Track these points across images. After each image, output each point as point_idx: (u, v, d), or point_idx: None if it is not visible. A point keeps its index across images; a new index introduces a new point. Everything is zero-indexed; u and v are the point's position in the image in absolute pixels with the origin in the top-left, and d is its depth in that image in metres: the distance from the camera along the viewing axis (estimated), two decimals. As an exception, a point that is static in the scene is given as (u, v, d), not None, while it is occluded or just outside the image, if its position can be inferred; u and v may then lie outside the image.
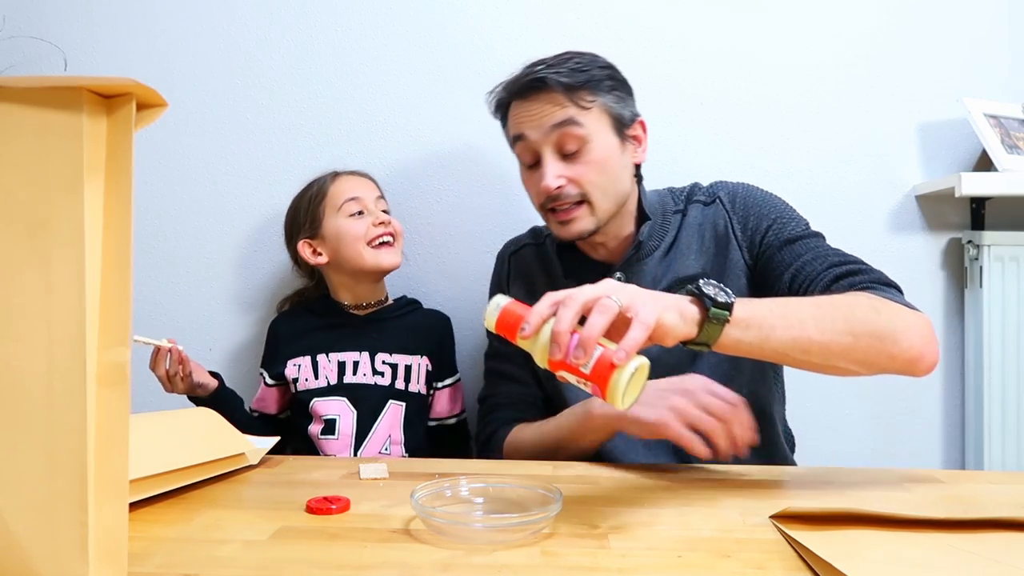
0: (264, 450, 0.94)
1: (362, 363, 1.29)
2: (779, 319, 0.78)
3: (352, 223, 1.28)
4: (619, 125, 1.06)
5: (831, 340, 0.79)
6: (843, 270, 0.96)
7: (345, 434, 1.25)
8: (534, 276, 1.20)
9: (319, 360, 1.29)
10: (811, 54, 1.44)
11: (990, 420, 1.36)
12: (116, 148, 0.50)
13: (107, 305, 0.50)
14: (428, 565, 0.61)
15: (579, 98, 1.03)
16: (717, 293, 0.75)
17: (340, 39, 1.48)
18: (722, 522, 0.72)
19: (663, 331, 0.71)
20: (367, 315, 1.34)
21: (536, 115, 1.04)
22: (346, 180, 1.33)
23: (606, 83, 1.05)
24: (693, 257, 1.09)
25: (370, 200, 1.31)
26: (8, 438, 0.50)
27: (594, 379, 0.68)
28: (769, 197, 1.10)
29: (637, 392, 0.70)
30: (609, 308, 0.68)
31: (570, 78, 1.02)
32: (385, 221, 1.30)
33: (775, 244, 1.04)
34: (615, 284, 0.73)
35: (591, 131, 1.03)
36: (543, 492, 0.74)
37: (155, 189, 1.49)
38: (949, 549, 0.62)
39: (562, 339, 0.68)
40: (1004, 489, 0.85)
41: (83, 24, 1.51)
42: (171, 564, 0.62)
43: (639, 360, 0.69)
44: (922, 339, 0.84)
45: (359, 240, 1.27)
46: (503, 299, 0.75)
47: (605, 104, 1.05)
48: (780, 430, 1.14)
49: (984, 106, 1.38)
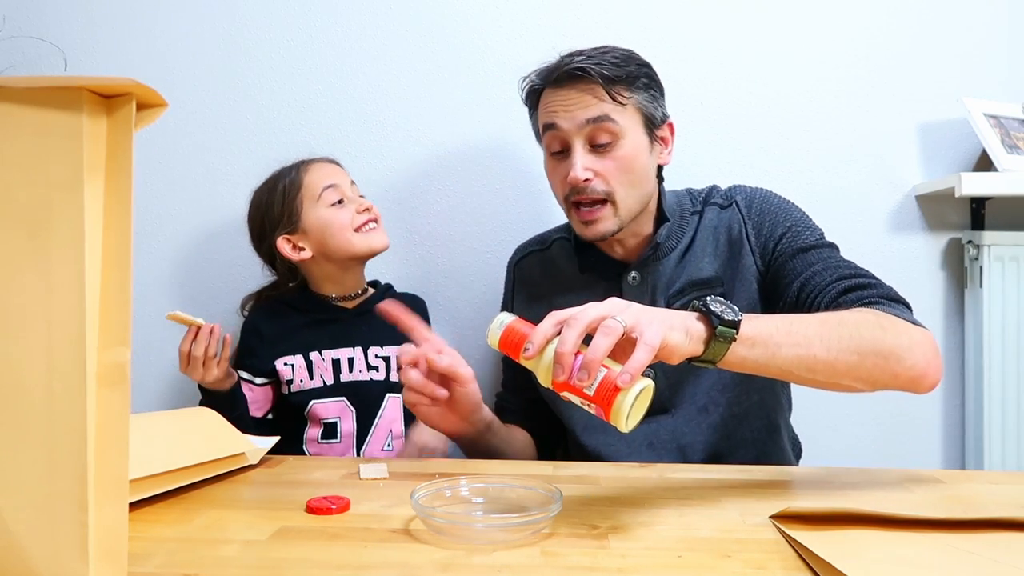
0: (264, 450, 0.94)
1: (356, 359, 1.26)
2: (785, 336, 0.78)
3: (335, 212, 1.24)
4: (650, 125, 1.06)
5: (836, 358, 0.79)
6: (851, 283, 0.95)
7: (347, 435, 1.23)
8: (537, 284, 1.20)
9: (312, 359, 1.25)
10: (811, 54, 1.44)
11: (990, 420, 1.35)
12: (116, 148, 0.50)
13: (107, 305, 0.50)
14: (428, 565, 0.61)
15: (617, 93, 1.02)
16: (724, 311, 0.74)
17: (340, 39, 1.48)
18: (722, 522, 0.72)
19: (668, 350, 0.71)
20: (355, 308, 1.30)
21: (572, 105, 1.03)
22: (319, 168, 1.28)
23: (642, 80, 1.05)
24: (707, 260, 1.08)
25: (346, 186, 1.27)
26: (8, 438, 0.50)
27: (597, 401, 0.68)
28: (786, 204, 1.09)
29: (641, 414, 0.70)
30: (613, 329, 0.68)
31: (610, 71, 1.02)
32: (367, 207, 1.27)
33: (788, 252, 1.04)
34: (619, 303, 0.72)
35: (624, 127, 1.03)
36: (543, 492, 0.74)
37: (155, 189, 1.49)
38: (949, 549, 0.62)
39: (565, 360, 0.67)
40: (1004, 489, 0.85)
41: (83, 24, 1.51)
42: (171, 564, 0.62)
43: (643, 382, 0.68)
44: (926, 358, 0.84)
45: (346, 228, 1.24)
46: (507, 317, 0.75)
47: (639, 102, 1.04)
48: (785, 437, 1.14)
49: (984, 106, 1.38)
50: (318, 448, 1.24)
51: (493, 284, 1.40)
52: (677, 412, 1.05)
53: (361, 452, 1.23)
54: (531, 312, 1.17)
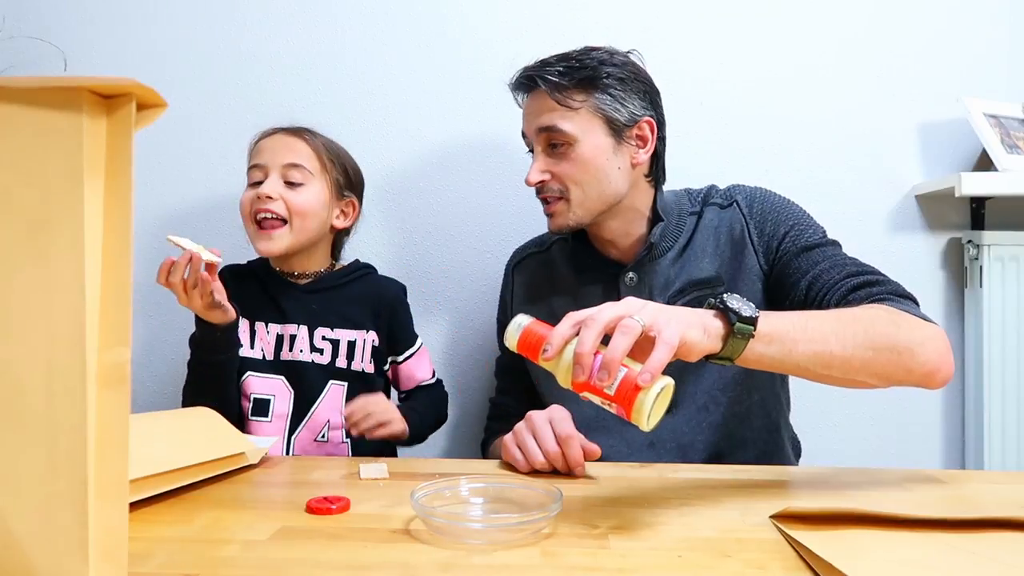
0: (264, 449, 0.94)
1: (299, 337, 1.19)
2: (802, 333, 0.78)
3: (244, 195, 1.18)
4: (613, 126, 1.05)
5: (852, 355, 0.80)
6: (861, 280, 0.96)
7: (279, 416, 1.17)
8: (538, 286, 1.20)
9: (257, 328, 1.19)
10: (811, 54, 1.45)
11: (990, 420, 1.35)
12: (116, 148, 0.50)
13: (107, 305, 0.50)
14: (428, 565, 0.61)
15: (567, 98, 1.04)
16: (742, 307, 0.75)
17: (339, 39, 1.48)
18: (722, 522, 0.72)
19: (687, 348, 0.71)
20: (306, 285, 1.23)
21: (530, 111, 1.09)
22: (271, 139, 1.20)
23: (603, 81, 1.04)
24: (707, 260, 1.08)
25: (274, 165, 1.16)
26: (8, 438, 0.50)
27: (619, 401, 0.68)
28: (787, 203, 1.09)
29: (662, 412, 0.70)
30: (632, 328, 0.68)
31: (559, 78, 1.03)
32: (263, 195, 1.14)
33: (792, 251, 1.04)
34: (636, 302, 0.72)
35: (578, 131, 1.04)
36: (543, 492, 0.74)
37: (155, 189, 1.49)
38: (949, 549, 0.62)
39: (585, 361, 0.68)
40: (1004, 489, 0.85)
41: (83, 24, 1.51)
42: (171, 564, 0.62)
43: (664, 380, 0.68)
44: (938, 353, 0.85)
45: (246, 217, 1.17)
46: (525, 319, 0.75)
47: (597, 105, 1.04)
48: (786, 436, 1.14)
49: (984, 106, 1.38)
50: (247, 423, 1.17)
51: (490, 283, 1.40)
52: (677, 411, 1.05)
53: (292, 438, 1.17)
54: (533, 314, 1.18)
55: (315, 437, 1.18)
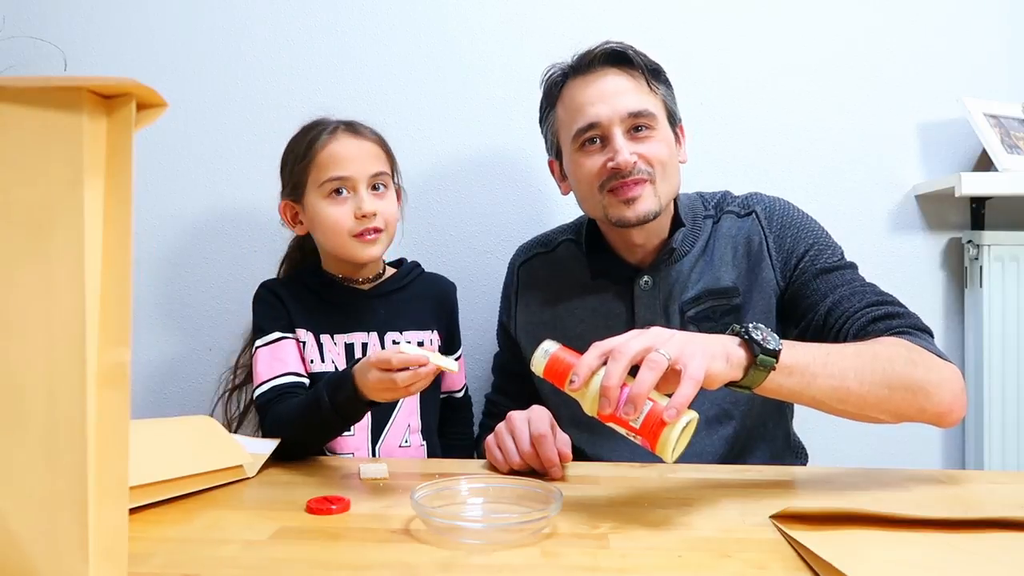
0: (264, 456, 0.93)
1: (371, 345, 1.14)
2: (822, 368, 0.79)
3: (332, 209, 1.10)
4: (672, 119, 1.07)
5: (868, 392, 0.80)
6: (880, 312, 0.95)
7: (360, 429, 1.11)
8: (547, 286, 1.17)
9: (323, 341, 1.13)
10: (811, 54, 1.44)
11: (990, 420, 1.35)
12: (116, 148, 0.50)
13: (107, 305, 0.50)
14: (428, 565, 0.61)
15: (651, 81, 1.04)
16: (766, 339, 0.75)
17: (340, 39, 1.48)
18: (722, 522, 0.72)
19: (710, 379, 0.72)
20: (371, 289, 1.17)
21: (607, 91, 1.02)
22: (342, 144, 1.12)
23: (663, 75, 1.07)
24: (725, 269, 1.07)
25: (362, 178, 1.10)
26: (8, 438, 0.50)
27: (644, 434, 0.70)
28: (806, 219, 1.08)
29: (685, 445, 0.71)
30: (658, 363, 0.69)
31: (647, 60, 1.04)
32: (368, 213, 1.09)
33: (811, 271, 1.03)
34: (663, 333, 0.73)
35: (660, 117, 1.04)
36: (543, 492, 0.74)
37: (155, 189, 1.49)
38: (949, 549, 0.62)
39: (612, 394, 0.69)
40: (1004, 489, 0.85)
41: (83, 24, 1.51)
42: (171, 564, 0.62)
43: (689, 415, 0.70)
44: (953, 395, 0.85)
45: (340, 231, 1.10)
46: (552, 345, 0.76)
47: (664, 95, 1.06)
48: (789, 443, 1.14)
49: (984, 106, 1.38)
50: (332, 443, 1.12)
51: (493, 284, 1.40)
52: None
53: (377, 449, 1.13)
54: (539, 315, 1.17)
55: (399, 443, 1.14)
